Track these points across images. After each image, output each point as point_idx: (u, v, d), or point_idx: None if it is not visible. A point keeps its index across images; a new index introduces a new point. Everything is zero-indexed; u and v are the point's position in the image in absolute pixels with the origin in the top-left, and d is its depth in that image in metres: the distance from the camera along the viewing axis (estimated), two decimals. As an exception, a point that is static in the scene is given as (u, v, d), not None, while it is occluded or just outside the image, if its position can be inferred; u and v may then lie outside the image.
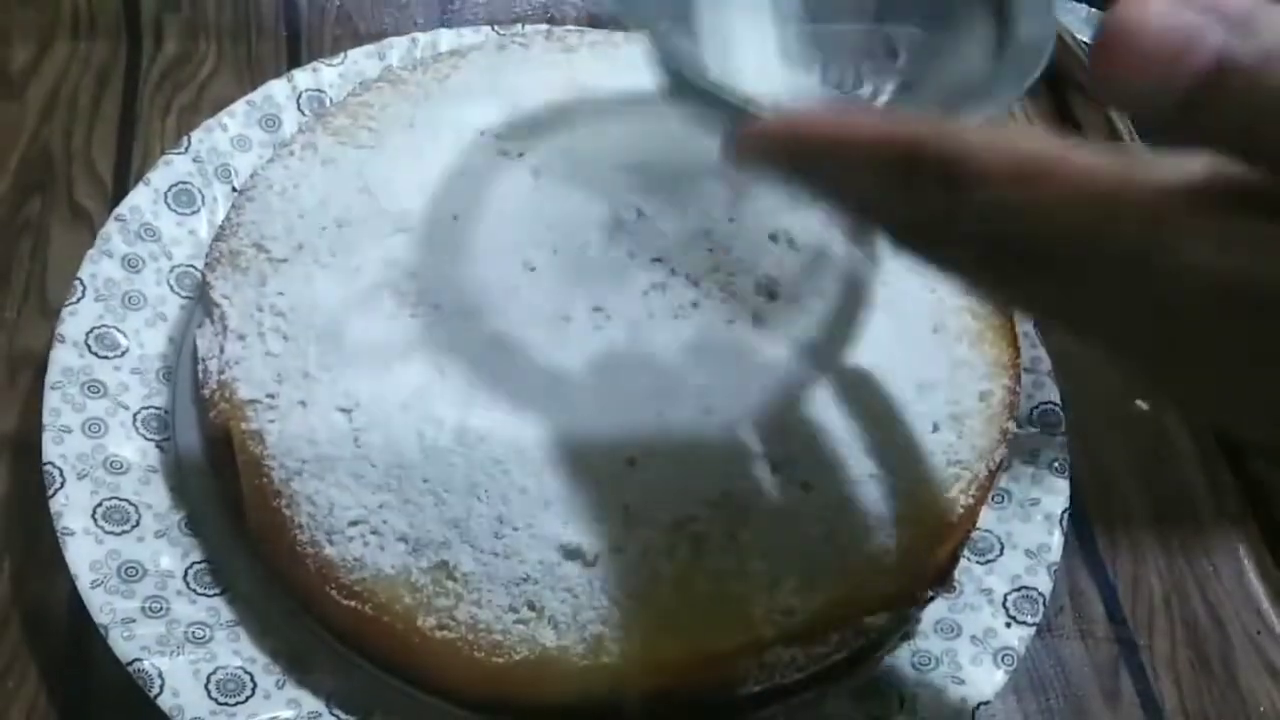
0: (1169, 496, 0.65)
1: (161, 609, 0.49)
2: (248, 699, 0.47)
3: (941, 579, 0.51)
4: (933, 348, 0.51)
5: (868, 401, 0.49)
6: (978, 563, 0.55)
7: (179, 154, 0.62)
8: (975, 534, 0.55)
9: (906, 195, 0.28)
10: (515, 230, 0.52)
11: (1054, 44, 0.37)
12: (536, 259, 0.51)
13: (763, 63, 0.42)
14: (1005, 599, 0.54)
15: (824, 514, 0.47)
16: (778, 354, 0.49)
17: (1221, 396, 0.28)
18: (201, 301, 0.54)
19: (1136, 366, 0.29)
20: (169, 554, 0.51)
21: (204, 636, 0.49)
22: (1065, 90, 0.81)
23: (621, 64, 0.60)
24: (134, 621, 0.48)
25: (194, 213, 0.61)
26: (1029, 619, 0.53)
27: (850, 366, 0.49)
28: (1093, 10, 0.87)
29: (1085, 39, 0.84)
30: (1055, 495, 0.57)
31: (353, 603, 0.46)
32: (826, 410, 0.48)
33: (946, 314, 0.53)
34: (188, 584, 0.51)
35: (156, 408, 0.55)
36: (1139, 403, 0.69)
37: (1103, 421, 0.68)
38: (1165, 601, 0.62)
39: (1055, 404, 0.60)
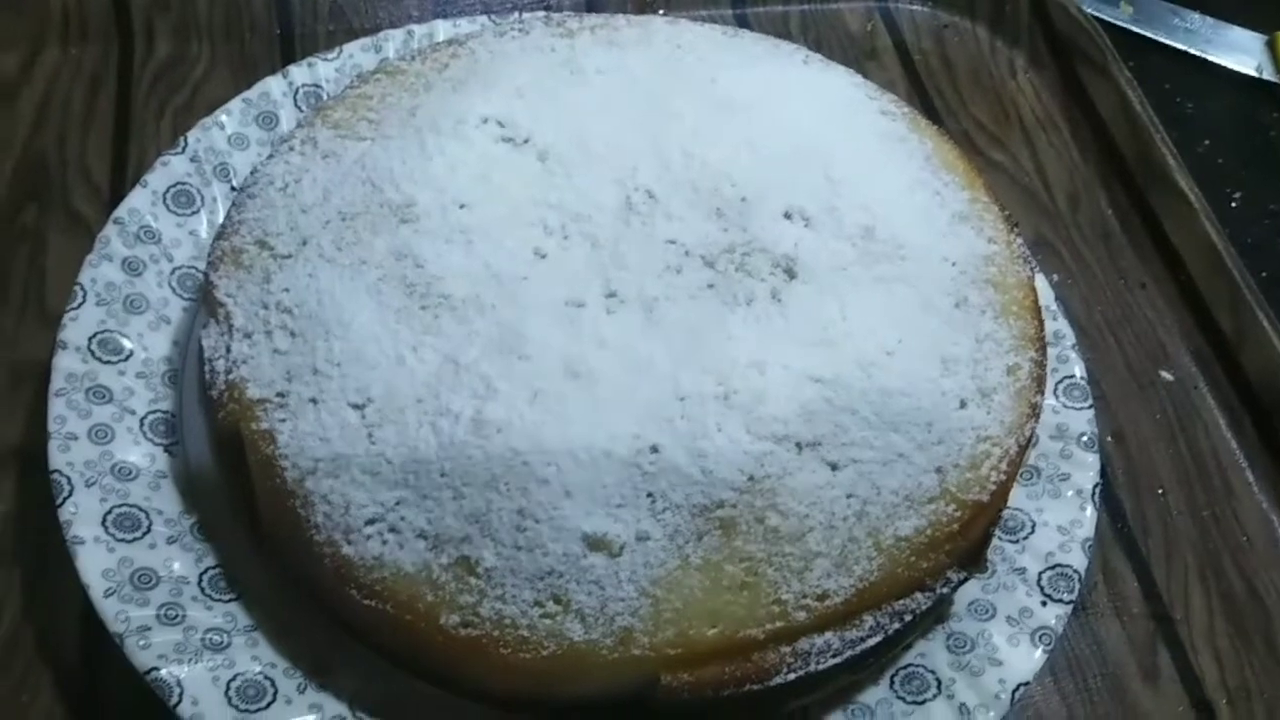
0: (1199, 468, 0.64)
1: (177, 616, 0.48)
2: (269, 705, 0.46)
3: (974, 559, 0.50)
4: (957, 322, 0.50)
5: (894, 378, 0.47)
6: (1009, 542, 0.54)
7: (176, 154, 0.61)
8: (1005, 512, 0.54)
9: None
10: (524, 217, 0.51)
11: None
12: (546, 246, 0.50)
13: None
14: (1040, 577, 0.53)
15: (853, 494, 0.46)
16: (798, 332, 0.48)
17: None
18: (205, 302, 0.52)
19: None
20: (182, 560, 0.50)
21: (222, 643, 0.47)
22: (1073, 60, 0.80)
23: (623, 46, 0.59)
24: (149, 630, 0.47)
25: (193, 213, 0.60)
26: (1065, 597, 0.52)
27: (874, 342, 0.48)
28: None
29: (1093, 12, 0.83)
30: (1085, 470, 0.56)
31: (373, 602, 0.45)
32: (851, 388, 0.47)
33: (969, 287, 0.51)
34: (203, 590, 0.49)
35: (163, 412, 0.54)
36: (1164, 373, 0.67)
37: (1129, 393, 0.66)
38: (1200, 575, 0.60)
39: (1081, 377, 0.59)
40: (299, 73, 0.65)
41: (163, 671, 0.45)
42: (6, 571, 0.54)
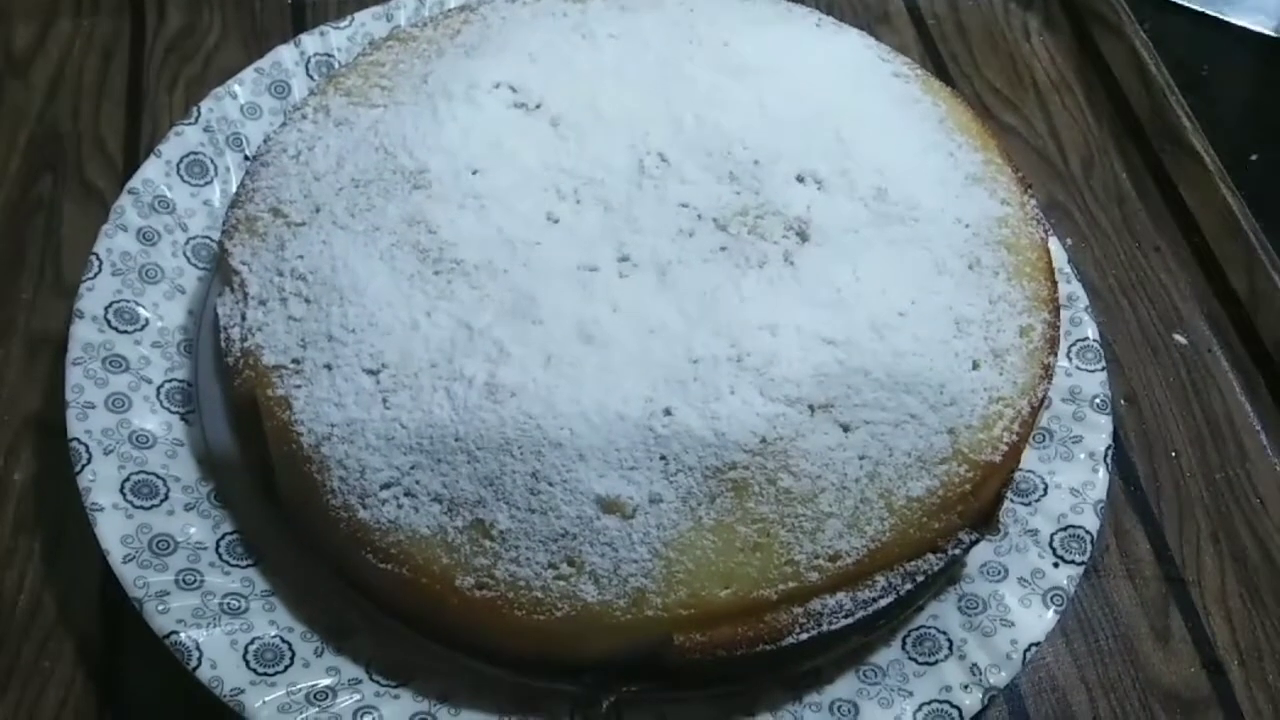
0: (1212, 430, 0.64)
1: (195, 581, 0.48)
2: (287, 668, 0.47)
3: (986, 520, 0.50)
4: (970, 284, 0.50)
5: (906, 339, 0.47)
6: (1021, 504, 0.54)
7: (189, 125, 0.61)
8: (1018, 474, 0.54)
9: None
10: (536, 182, 0.51)
11: None
12: (559, 210, 0.50)
13: None
14: (1052, 539, 0.53)
15: (865, 456, 0.46)
16: (810, 295, 0.48)
17: None
18: (220, 270, 0.53)
19: None
20: (200, 526, 0.50)
21: (239, 607, 0.48)
22: (1088, 23, 0.79)
23: (636, 11, 0.58)
24: (168, 594, 0.47)
25: (207, 183, 0.60)
26: (1077, 558, 0.52)
27: (887, 304, 0.48)
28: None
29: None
30: (1097, 432, 0.56)
31: (389, 566, 0.45)
32: (864, 350, 0.47)
33: (982, 249, 0.51)
34: (220, 555, 0.50)
35: (179, 380, 0.55)
36: (1177, 336, 0.67)
37: (1142, 356, 0.66)
38: (1213, 537, 0.60)
39: (1094, 340, 0.59)
40: (311, 41, 0.65)
41: (182, 635, 0.46)
42: (27, 539, 0.55)
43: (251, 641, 0.47)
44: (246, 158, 0.61)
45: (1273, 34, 0.82)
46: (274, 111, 0.62)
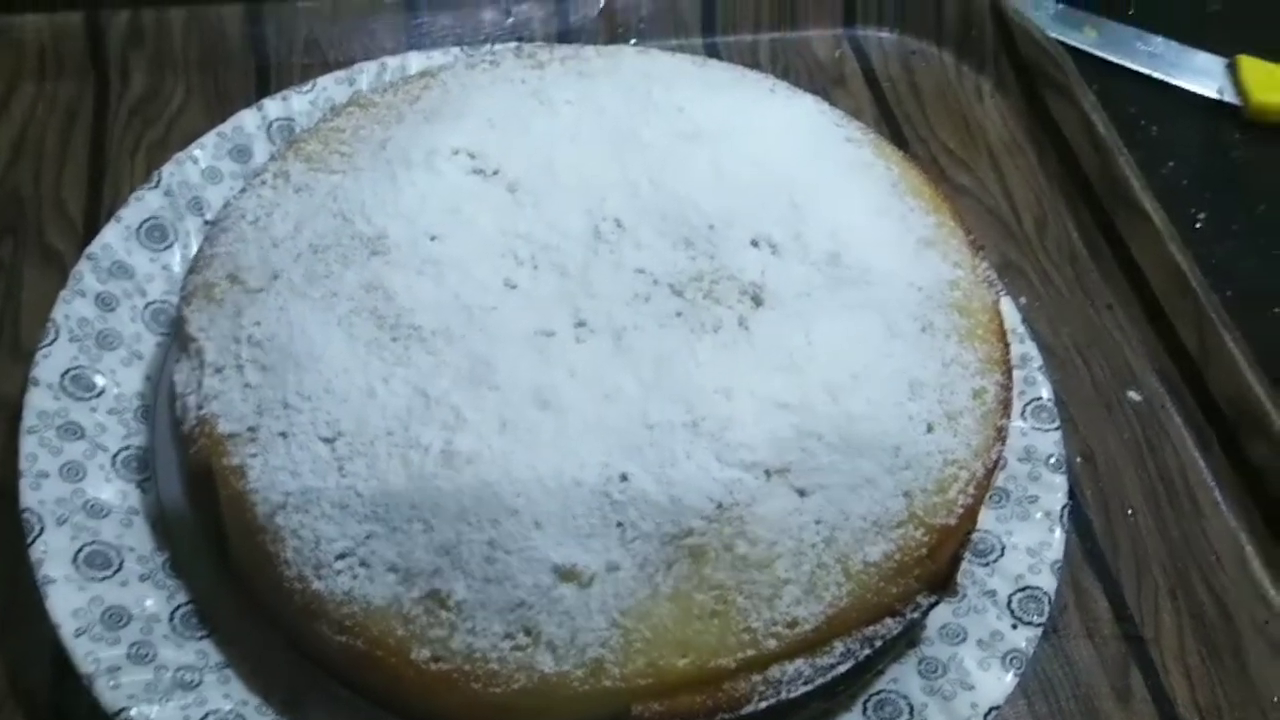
0: (1167, 487, 0.65)
1: (148, 655, 0.48)
2: (241, 742, 0.46)
3: (943, 583, 0.51)
4: (923, 346, 0.51)
5: (860, 402, 0.48)
6: (979, 565, 0.55)
7: (150, 189, 0.61)
8: (975, 535, 0.54)
9: None
10: (493, 248, 0.51)
11: None
12: (517, 276, 0.50)
13: None
14: (1010, 600, 0.53)
15: (821, 520, 0.46)
16: (765, 359, 0.48)
17: None
18: (177, 337, 0.53)
19: None
20: (154, 597, 0.50)
21: (193, 681, 0.47)
22: (1038, 85, 0.81)
23: (593, 77, 0.59)
24: (120, 669, 0.47)
25: (167, 248, 0.60)
26: (1035, 619, 0.52)
27: (841, 367, 0.48)
28: (1060, 6, 0.88)
29: (1057, 36, 0.84)
30: (1053, 492, 0.57)
31: (344, 638, 0.45)
32: (818, 414, 0.47)
33: (934, 312, 0.52)
34: (174, 627, 0.49)
35: (136, 448, 0.54)
36: (1131, 393, 0.68)
37: (1096, 414, 0.67)
38: (1170, 594, 0.61)
39: (1048, 399, 0.59)
40: (273, 106, 0.65)
41: (133, 712, 0.45)
42: (-23, 610, 0.54)
43: (205, 716, 0.46)
44: (207, 222, 0.61)
45: (1216, 96, 0.85)
46: (235, 176, 0.63)
